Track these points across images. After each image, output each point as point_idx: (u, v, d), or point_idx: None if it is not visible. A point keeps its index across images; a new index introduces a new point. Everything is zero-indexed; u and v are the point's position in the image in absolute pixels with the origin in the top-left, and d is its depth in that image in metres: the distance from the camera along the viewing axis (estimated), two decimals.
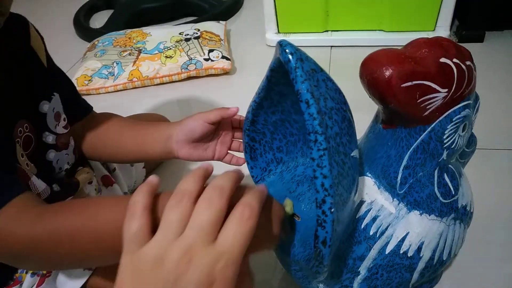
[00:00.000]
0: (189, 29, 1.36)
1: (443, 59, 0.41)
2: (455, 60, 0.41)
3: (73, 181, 0.63)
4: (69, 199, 0.61)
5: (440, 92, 0.41)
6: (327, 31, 1.34)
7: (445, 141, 0.45)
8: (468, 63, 0.42)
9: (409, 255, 0.49)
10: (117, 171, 0.79)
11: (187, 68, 1.24)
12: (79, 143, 0.66)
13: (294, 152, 0.54)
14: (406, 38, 0.49)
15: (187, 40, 1.30)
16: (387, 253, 0.49)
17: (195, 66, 1.24)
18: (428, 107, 0.42)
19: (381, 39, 1.28)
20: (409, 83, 0.40)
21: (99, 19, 1.75)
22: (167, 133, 0.62)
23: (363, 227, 0.49)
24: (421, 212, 0.49)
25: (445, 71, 0.41)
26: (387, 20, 1.26)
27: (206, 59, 1.24)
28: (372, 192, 0.50)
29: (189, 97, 1.21)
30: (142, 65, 1.24)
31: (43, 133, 0.57)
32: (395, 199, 0.49)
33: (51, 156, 0.58)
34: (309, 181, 0.50)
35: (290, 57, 0.36)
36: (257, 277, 0.69)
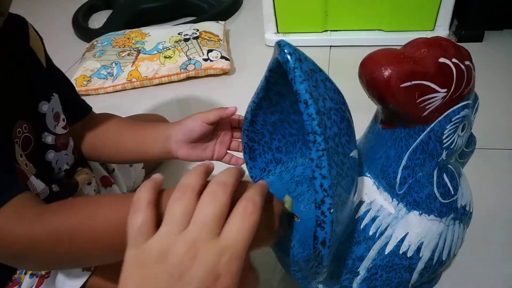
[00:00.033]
0: (188, 29, 1.36)
1: (442, 59, 0.41)
2: (454, 60, 0.41)
3: (72, 181, 0.63)
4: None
5: (439, 92, 0.41)
6: (326, 31, 1.34)
7: (444, 141, 0.45)
8: (467, 63, 0.42)
9: (409, 256, 0.49)
10: (116, 171, 0.79)
11: (186, 68, 1.23)
12: (79, 143, 0.66)
13: (293, 152, 0.54)
14: (405, 37, 0.49)
15: (186, 40, 1.30)
16: (386, 253, 0.49)
17: (194, 66, 1.23)
18: (427, 107, 0.42)
19: (380, 38, 1.28)
20: (408, 83, 0.40)
21: (98, 19, 1.75)
22: (166, 133, 0.62)
23: (362, 227, 0.49)
24: (420, 212, 0.49)
25: (444, 71, 0.41)
26: (386, 20, 1.26)
27: (205, 59, 1.24)
28: (371, 192, 0.50)
29: (188, 98, 1.21)
30: (141, 66, 1.24)
31: (42, 133, 0.57)
32: (394, 199, 0.49)
33: (50, 156, 0.58)
34: (308, 181, 0.50)
35: (288, 57, 0.36)
36: None
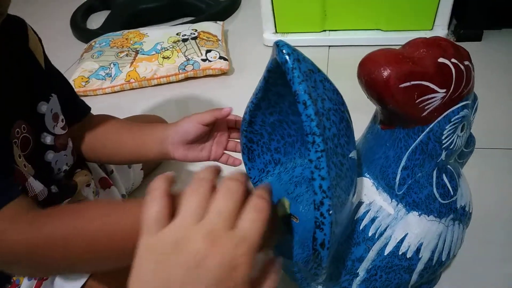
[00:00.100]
0: (187, 29, 1.36)
1: (441, 59, 0.41)
2: (453, 60, 0.41)
3: (71, 183, 0.63)
4: (67, 201, 0.61)
5: (438, 92, 0.41)
6: (325, 30, 1.34)
7: (443, 142, 0.45)
8: (466, 63, 0.42)
9: (408, 256, 0.49)
10: (114, 173, 0.79)
11: (184, 68, 1.23)
12: (78, 144, 0.66)
13: (292, 153, 0.53)
14: (404, 37, 0.49)
15: (185, 40, 1.30)
16: (386, 254, 0.49)
17: (193, 66, 1.23)
18: (426, 107, 0.42)
19: (379, 38, 1.28)
20: (407, 84, 0.40)
21: (96, 20, 1.74)
22: (162, 135, 0.63)
23: (361, 228, 0.49)
24: (420, 213, 0.49)
25: (443, 71, 0.41)
26: (385, 19, 1.26)
27: (203, 60, 1.24)
28: (370, 193, 0.50)
29: (187, 98, 1.21)
30: (139, 66, 1.24)
31: (41, 133, 0.57)
32: (393, 200, 0.49)
33: (49, 157, 0.58)
34: (307, 182, 0.50)
35: (287, 57, 0.36)
36: None
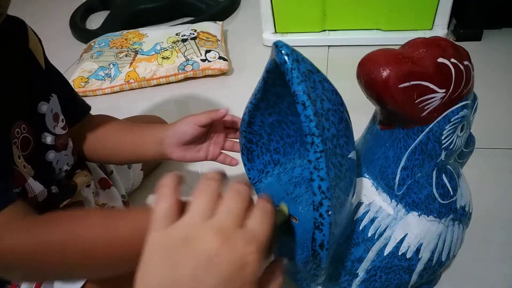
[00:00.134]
0: (186, 29, 1.35)
1: (440, 59, 0.41)
2: (453, 60, 0.41)
3: (71, 183, 0.63)
4: (66, 201, 0.61)
5: (438, 92, 0.41)
6: (324, 30, 1.33)
7: (443, 142, 0.45)
8: (466, 63, 0.42)
9: (408, 257, 0.49)
10: (114, 174, 0.79)
11: (184, 69, 1.23)
12: (77, 144, 0.66)
13: (291, 153, 0.53)
14: (403, 37, 0.49)
15: (184, 40, 1.30)
16: (385, 254, 0.49)
17: (192, 67, 1.23)
18: (426, 107, 0.42)
19: (378, 38, 1.28)
20: (407, 84, 0.40)
21: (96, 20, 1.74)
22: (159, 136, 0.64)
23: (361, 228, 0.49)
24: (419, 213, 0.49)
25: (443, 71, 0.41)
26: (385, 19, 1.26)
27: (203, 60, 1.23)
28: (370, 193, 0.50)
29: (187, 98, 1.20)
30: (138, 66, 1.24)
31: (42, 133, 0.57)
32: (393, 200, 0.49)
33: (50, 156, 0.58)
34: (307, 182, 0.50)
35: (286, 58, 0.36)
36: None
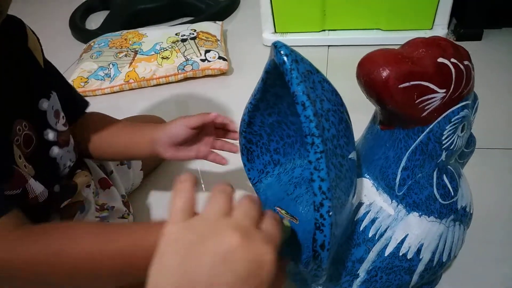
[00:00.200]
0: (185, 29, 1.35)
1: (440, 59, 0.40)
2: (453, 60, 0.41)
3: (71, 183, 0.63)
4: (67, 201, 0.61)
5: (438, 92, 0.41)
6: (324, 30, 1.33)
7: (443, 142, 0.45)
8: (466, 63, 0.42)
9: (409, 257, 0.49)
10: (114, 173, 0.79)
11: (183, 69, 1.23)
12: (76, 141, 0.67)
13: (291, 153, 0.53)
14: (403, 37, 0.49)
15: (184, 40, 1.30)
16: (386, 255, 0.49)
17: (192, 66, 1.23)
18: (426, 108, 0.42)
19: (378, 38, 1.28)
20: (407, 84, 0.40)
21: (95, 20, 1.74)
22: (152, 137, 0.66)
23: (362, 229, 0.49)
24: (420, 213, 0.49)
25: (443, 71, 0.40)
26: (385, 19, 1.26)
27: (202, 60, 1.23)
28: (370, 193, 0.50)
29: (186, 98, 1.20)
30: (138, 66, 1.23)
31: (44, 130, 0.57)
32: (394, 201, 0.49)
33: (54, 152, 0.58)
34: (307, 183, 0.50)
35: (285, 58, 0.36)
36: None
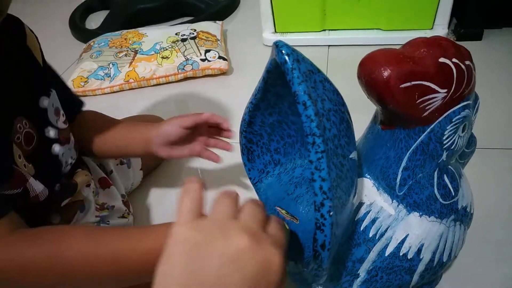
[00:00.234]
0: (185, 29, 1.35)
1: (442, 59, 0.40)
2: (454, 60, 0.41)
3: (71, 182, 0.63)
4: (66, 200, 0.61)
5: (439, 92, 0.41)
6: (325, 30, 1.33)
7: (444, 142, 0.44)
8: (467, 62, 0.42)
9: (409, 257, 0.49)
10: (114, 173, 0.79)
11: (183, 68, 1.23)
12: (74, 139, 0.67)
13: (292, 153, 0.53)
14: (404, 37, 0.49)
15: (184, 40, 1.30)
16: (386, 255, 0.49)
17: (192, 66, 1.23)
18: (427, 107, 0.42)
19: (379, 38, 1.28)
20: (408, 84, 0.40)
21: (95, 20, 1.74)
22: (146, 136, 0.67)
23: (362, 229, 0.49)
24: (421, 213, 0.49)
25: (444, 71, 0.40)
26: (385, 19, 1.26)
27: (202, 60, 1.23)
28: (371, 193, 0.50)
29: (186, 98, 1.20)
30: (138, 66, 1.23)
31: (45, 128, 0.57)
32: (394, 201, 0.49)
33: (56, 149, 0.58)
34: (307, 183, 0.50)
35: (286, 58, 0.36)
36: None
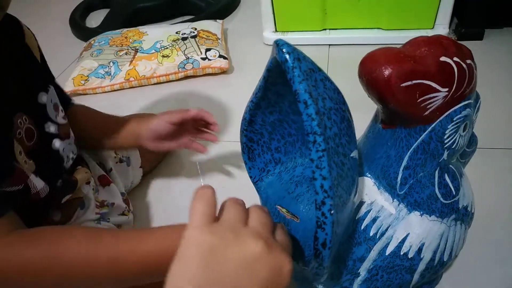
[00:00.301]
0: (186, 28, 1.35)
1: (443, 58, 0.40)
2: (455, 59, 0.41)
3: (71, 179, 0.63)
4: (67, 197, 0.61)
5: (440, 91, 0.41)
6: (325, 29, 1.33)
7: (445, 141, 0.44)
8: (468, 61, 0.42)
9: (410, 256, 0.49)
10: (113, 171, 0.79)
11: (184, 67, 1.23)
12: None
13: (292, 152, 0.53)
14: (404, 36, 0.49)
15: (184, 39, 1.30)
16: (387, 254, 0.49)
17: (192, 65, 1.23)
18: (428, 106, 0.42)
19: (379, 37, 1.27)
20: (409, 83, 0.40)
21: (95, 19, 1.74)
22: (136, 132, 0.72)
23: (363, 228, 0.49)
24: (421, 213, 0.49)
25: (445, 70, 0.40)
26: (386, 18, 1.26)
27: (203, 58, 1.23)
28: (372, 192, 0.50)
29: (186, 97, 1.20)
30: (138, 65, 1.23)
31: (45, 123, 0.57)
32: (395, 200, 0.49)
33: (57, 144, 0.59)
34: (308, 181, 0.50)
35: (287, 56, 0.36)
36: None
